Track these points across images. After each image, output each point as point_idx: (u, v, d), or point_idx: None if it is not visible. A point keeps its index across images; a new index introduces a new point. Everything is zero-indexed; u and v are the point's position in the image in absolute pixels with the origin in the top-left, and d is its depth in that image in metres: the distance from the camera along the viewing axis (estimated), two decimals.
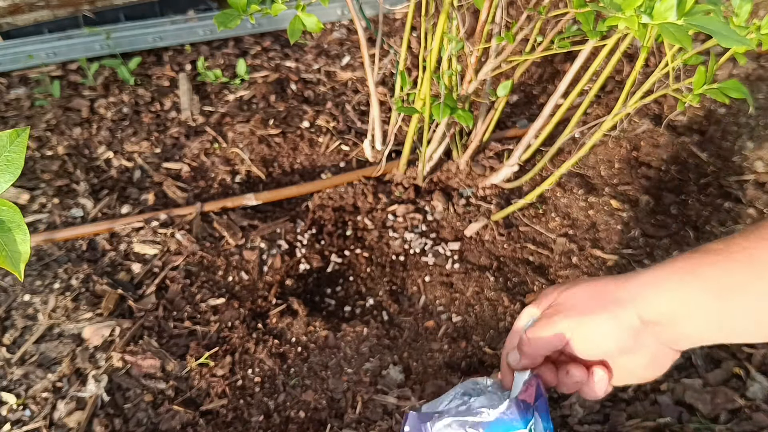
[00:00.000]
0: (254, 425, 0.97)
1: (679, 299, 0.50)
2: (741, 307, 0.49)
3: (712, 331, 0.50)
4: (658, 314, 0.51)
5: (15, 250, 0.39)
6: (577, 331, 0.54)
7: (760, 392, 0.95)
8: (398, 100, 1.18)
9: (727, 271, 0.49)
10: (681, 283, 0.50)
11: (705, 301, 0.49)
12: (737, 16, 0.76)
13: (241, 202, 1.30)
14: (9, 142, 0.39)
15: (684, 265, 0.51)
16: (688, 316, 0.50)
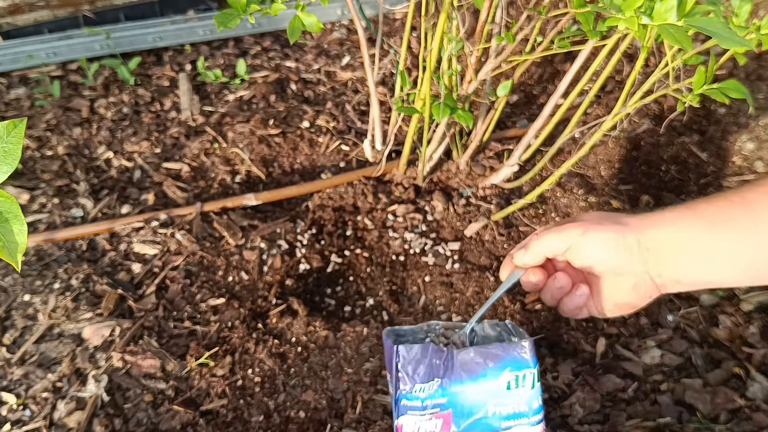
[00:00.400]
0: (254, 425, 0.97)
1: (675, 231, 0.56)
2: (730, 242, 0.54)
3: (699, 265, 0.55)
4: (653, 241, 0.56)
5: (12, 240, 0.39)
6: (581, 238, 0.58)
7: (760, 392, 0.95)
8: (398, 100, 1.18)
9: (721, 208, 0.54)
10: (679, 217, 0.56)
11: (697, 233, 0.55)
12: (737, 16, 0.76)
13: (241, 202, 1.30)
14: (6, 134, 0.39)
15: (686, 205, 0.57)
16: (679, 248, 0.55)
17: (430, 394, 0.60)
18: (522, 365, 0.60)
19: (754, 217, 0.52)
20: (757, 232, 0.53)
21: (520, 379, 0.60)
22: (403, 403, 0.60)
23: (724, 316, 1.07)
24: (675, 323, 1.08)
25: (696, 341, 1.05)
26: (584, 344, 1.06)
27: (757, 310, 1.07)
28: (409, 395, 0.60)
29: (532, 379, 0.60)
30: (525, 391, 0.60)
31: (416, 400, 0.60)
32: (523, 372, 0.60)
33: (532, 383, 0.60)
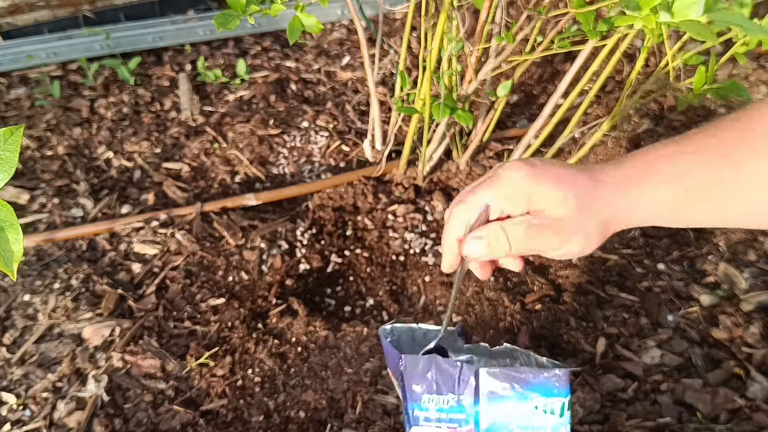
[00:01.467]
0: (254, 425, 0.97)
1: (632, 169, 0.52)
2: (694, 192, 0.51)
3: (655, 203, 0.51)
4: (607, 175, 0.52)
5: (8, 249, 0.38)
6: (561, 247, 0.53)
7: (760, 392, 0.95)
8: (398, 100, 1.18)
9: (682, 155, 0.51)
10: (639, 167, 0.52)
11: (659, 182, 0.51)
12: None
13: (241, 202, 1.30)
14: (3, 141, 0.39)
15: (629, 160, 0.53)
16: (637, 182, 0.51)
17: (444, 408, 0.59)
18: (552, 393, 0.57)
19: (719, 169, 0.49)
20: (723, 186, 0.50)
21: (549, 406, 0.58)
22: (416, 414, 0.60)
23: (724, 316, 1.07)
24: (675, 323, 1.08)
25: (696, 341, 1.05)
26: (584, 344, 1.06)
27: (757, 310, 1.07)
28: (419, 405, 0.60)
29: (561, 406, 0.58)
30: (552, 418, 0.58)
31: (427, 411, 0.59)
32: (553, 399, 0.58)
33: (561, 411, 0.58)
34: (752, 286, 1.11)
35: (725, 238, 1.22)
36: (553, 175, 0.52)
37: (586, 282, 1.16)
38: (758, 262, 1.16)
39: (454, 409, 0.59)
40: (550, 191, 0.51)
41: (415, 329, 0.68)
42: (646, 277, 1.16)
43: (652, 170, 0.52)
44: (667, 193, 0.51)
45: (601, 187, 0.52)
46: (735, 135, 0.50)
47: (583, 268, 1.19)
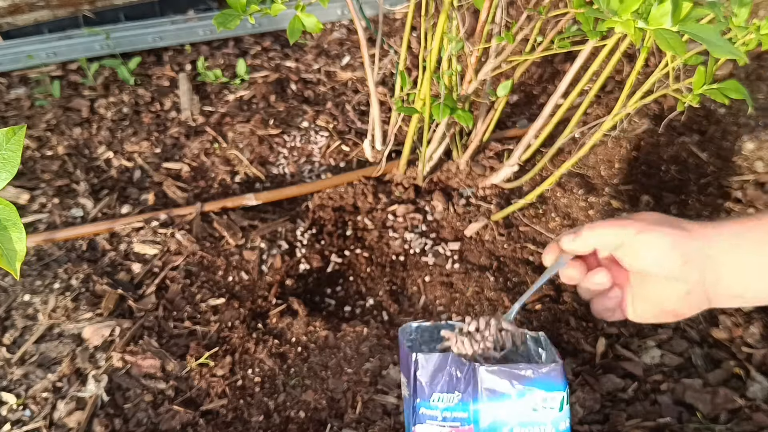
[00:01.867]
0: (254, 425, 0.97)
1: (740, 239, 0.53)
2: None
3: (758, 282, 0.52)
4: (716, 249, 0.53)
5: (11, 248, 0.39)
6: (638, 237, 0.55)
7: (760, 392, 0.95)
8: (398, 100, 1.18)
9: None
10: (743, 229, 0.53)
11: (760, 247, 0.52)
12: (736, 16, 0.76)
13: (241, 202, 1.30)
14: (5, 141, 0.39)
15: (750, 218, 0.54)
16: (743, 259, 0.52)
17: (450, 406, 0.59)
18: (551, 387, 0.58)
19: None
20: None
21: (548, 401, 0.58)
22: (422, 412, 0.60)
23: (724, 316, 1.07)
24: (675, 323, 1.08)
25: (696, 341, 1.05)
26: (584, 344, 1.06)
27: (757, 310, 1.07)
28: (427, 404, 0.60)
29: (560, 401, 0.58)
30: (552, 413, 0.58)
31: (435, 410, 0.59)
32: (552, 394, 0.58)
33: (560, 405, 0.58)
34: None
35: None
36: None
37: None
38: None
39: (457, 408, 0.59)
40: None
41: (438, 326, 0.68)
42: None
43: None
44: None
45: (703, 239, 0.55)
46: None
47: None
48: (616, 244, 0.57)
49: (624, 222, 0.57)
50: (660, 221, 0.56)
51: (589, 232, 0.58)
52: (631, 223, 0.56)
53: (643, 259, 0.55)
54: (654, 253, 0.54)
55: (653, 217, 0.57)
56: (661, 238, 0.54)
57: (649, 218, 0.57)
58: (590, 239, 0.58)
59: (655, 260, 0.55)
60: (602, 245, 0.58)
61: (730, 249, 0.53)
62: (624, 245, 0.56)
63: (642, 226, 0.55)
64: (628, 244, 0.56)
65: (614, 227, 0.57)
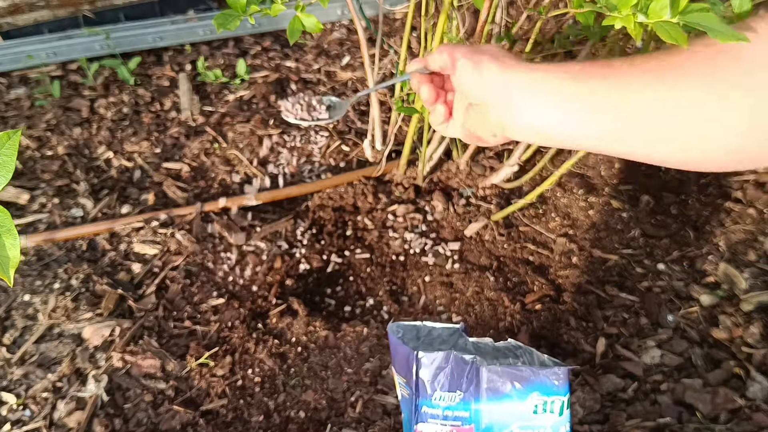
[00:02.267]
0: (254, 425, 0.97)
1: (539, 75, 0.54)
2: (593, 98, 0.51)
3: (550, 116, 0.53)
4: (514, 80, 0.55)
5: (4, 255, 0.38)
6: (459, 61, 0.59)
7: (760, 392, 0.95)
8: (398, 100, 1.18)
9: (591, 69, 0.52)
10: (552, 68, 0.54)
11: (560, 83, 0.52)
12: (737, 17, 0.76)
13: (241, 202, 1.30)
14: (0, 145, 0.38)
15: (566, 66, 0.55)
16: (537, 93, 0.53)
17: (451, 405, 0.59)
18: (552, 391, 0.58)
19: (626, 90, 0.50)
20: (623, 105, 0.51)
21: (548, 405, 0.58)
22: (424, 410, 0.59)
23: (724, 316, 1.07)
24: (675, 323, 1.08)
25: (696, 341, 1.05)
26: (584, 344, 1.06)
27: (757, 310, 1.07)
28: (429, 402, 0.59)
29: (560, 405, 0.58)
30: (552, 417, 0.58)
31: (437, 408, 0.59)
32: (552, 398, 0.58)
33: (560, 410, 0.58)
34: (752, 286, 1.11)
35: (725, 238, 1.22)
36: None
37: (586, 282, 1.16)
38: (758, 262, 1.16)
39: (459, 407, 0.59)
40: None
41: (420, 327, 0.68)
42: (646, 277, 1.16)
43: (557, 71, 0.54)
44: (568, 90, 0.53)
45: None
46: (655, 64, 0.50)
47: (583, 268, 1.19)
48: (443, 65, 0.61)
49: (459, 49, 0.60)
50: (490, 50, 0.59)
51: (431, 55, 0.63)
52: (461, 50, 0.60)
53: (456, 80, 0.59)
54: (463, 76, 0.58)
55: (490, 49, 0.59)
56: (470, 63, 0.57)
57: (487, 49, 0.59)
58: (430, 59, 0.63)
59: (463, 81, 0.58)
60: (437, 66, 0.63)
61: (527, 82, 0.54)
62: (448, 67, 0.61)
63: (469, 53, 0.59)
64: (452, 68, 0.60)
65: (448, 51, 0.61)
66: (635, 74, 0.50)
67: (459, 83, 0.59)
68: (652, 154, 0.55)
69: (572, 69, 0.53)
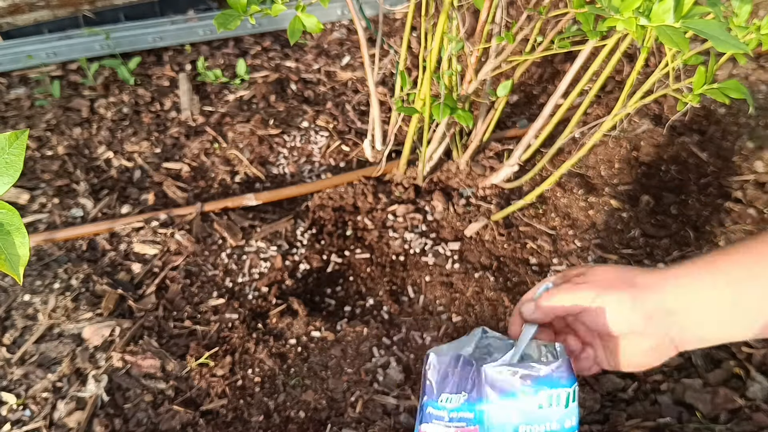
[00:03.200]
0: (254, 425, 0.97)
1: (697, 290, 0.53)
2: (754, 300, 0.51)
3: (721, 324, 0.53)
4: (675, 303, 0.54)
5: (14, 253, 0.38)
6: (597, 301, 0.56)
7: (760, 392, 0.95)
8: (398, 100, 1.18)
9: (739, 263, 0.53)
10: (699, 275, 0.54)
11: (718, 292, 0.52)
12: (737, 16, 0.76)
13: (241, 203, 1.30)
14: (8, 145, 0.38)
15: (703, 260, 0.55)
16: (702, 309, 0.53)
17: (457, 407, 0.59)
18: (556, 384, 0.57)
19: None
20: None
21: (553, 398, 0.58)
22: (429, 411, 0.59)
23: None
24: None
25: None
26: None
27: None
28: (435, 403, 0.59)
29: (566, 398, 0.58)
30: (558, 410, 0.57)
31: (442, 410, 0.59)
32: (558, 391, 0.58)
33: (566, 402, 0.58)
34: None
35: (725, 238, 1.22)
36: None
37: None
38: None
39: (463, 408, 0.59)
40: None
41: (477, 338, 0.68)
42: None
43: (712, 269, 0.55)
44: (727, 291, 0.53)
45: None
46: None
47: None
48: (576, 311, 0.58)
49: (581, 287, 0.57)
50: (614, 280, 0.56)
51: (547, 303, 0.59)
52: (587, 287, 0.57)
53: (605, 322, 0.56)
54: (615, 316, 0.55)
55: (608, 276, 0.57)
56: (619, 301, 0.55)
57: (604, 277, 0.57)
58: (550, 310, 0.59)
59: (616, 321, 0.55)
60: (564, 313, 0.59)
61: (689, 302, 0.54)
62: (585, 311, 0.57)
63: (598, 289, 0.56)
64: (588, 310, 0.57)
65: (570, 294, 0.57)
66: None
67: (602, 324, 0.56)
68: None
69: (721, 272, 0.53)
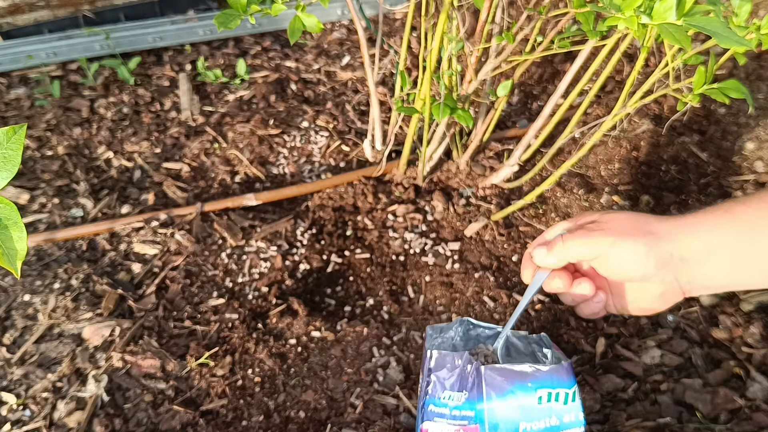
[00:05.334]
0: (254, 425, 0.97)
1: (712, 237, 0.54)
2: (763, 246, 0.52)
3: (732, 269, 0.54)
4: (689, 251, 0.55)
5: (12, 247, 0.39)
6: (611, 248, 0.56)
7: (760, 392, 0.95)
8: (398, 100, 1.18)
9: (755, 211, 0.53)
10: (716, 222, 0.54)
11: (734, 237, 0.53)
12: (737, 16, 0.76)
13: (241, 203, 1.30)
14: (6, 140, 0.39)
15: (720, 208, 0.56)
16: (715, 254, 0.54)
17: (459, 405, 0.59)
18: (555, 385, 0.58)
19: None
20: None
21: (553, 396, 0.58)
22: (430, 409, 0.59)
23: (724, 316, 1.07)
24: (675, 323, 1.08)
25: (696, 341, 1.05)
26: (584, 344, 1.06)
27: (757, 310, 1.07)
28: (437, 401, 0.60)
29: (565, 396, 0.58)
30: (557, 405, 0.58)
31: (444, 408, 0.59)
32: (557, 390, 0.58)
33: (564, 400, 0.58)
34: None
35: None
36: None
37: None
38: None
39: (465, 406, 0.59)
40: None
41: (462, 324, 0.68)
42: None
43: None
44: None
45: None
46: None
47: None
48: (590, 257, 0.58)
49: (595, 234, 0.57)
50: (630, 228, 0.57)
51: (561, 249, 0.59)
52: (602, 234, 0.57)
53: (619, 268, 0.57)
54: (629, 263, 0.56)
55: (623, 223, 0.58)
56: (634, 247, 0.55)
57: (618, 224, 0.58)
58: (564, 254, 0.59)
59: (631, 268, 0.56)
60: (577, 258, 0.59)
61: (701, 250, 0.55)
62: (599, 257, 0.57)
63: (614, 236, 0.56)
64: (603, 256, 0.57)
65: (587, 240, 0.57)
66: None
67: (617, 270, 0.57)
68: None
69: (738, 221, 0.54)
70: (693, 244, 0.55)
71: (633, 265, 0.56)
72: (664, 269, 0.55)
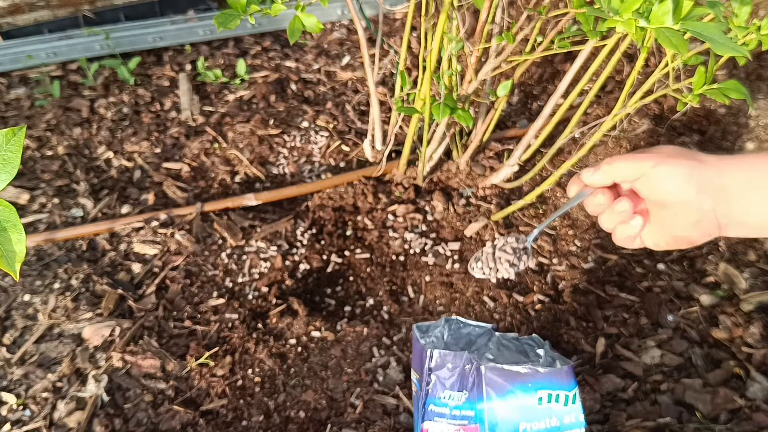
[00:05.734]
0: (254, 425, 0.97)
1: (755, 173, 0.55)
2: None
3: (765, 211, 0.55)
4: (730, 181, 0.56)
5: (10, 249, 0.39)
6: (655, 169, 0.57)
7: (760, 392, 0.95)
8: (398, 100, 1.18)
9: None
10: (757, 161, 0.55)
11: (765, 185, 0.54)
12: (737, 16, 0.76)
13: (241, 203, 1.30)
14: (5, 142, 0.39)
15: (759, 154, 0.56)
16: (756, 190, 0.55)
17: (459, 404, 0.59)
18: (556, 386, 0.58)
19: None
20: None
21: (553, 398, 0.58)
22: (431, 408, 0.60)
23: (724, 316, 1.07)
24: (675, 323, 1.08)
25: (696, 341, 1.05)
26: (584, 344, 1.06)
27: (757, 310, 1.07)
28: (437, 401, 0.60)
29: (565, 398, 0.58)
30: (557, 407, 0.58)
31: (444, 407, 0.59)
32: (557, 392, 0.58)
33: (565, 401, 0.58)
34: (752, 286, 1.11)
35: (725, 238, 1.22)
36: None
37: (586, 282, 1.16)
38: (758, 262, 1.16)
39: (465, 406, 0.59)
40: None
41: (450, 323, 0.68)
42: (646, 277, 1.16)
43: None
44: None
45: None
46: None
47: (583, 267, 1.19)
48: (634, 176, 0.59)
49: (642, 155, 0.59)
50: (677, 153, 0.58)
51: (608, 167, 0.60)
52: (648, 156, 0.58)
53: (660, 189, 0.58)
54: (670, 184, 0.57)
55: (670, 150, 0.59)
56: (677, 169, 0.56)
57: (666, 150, 0.59)
58: (609, 172, 0.60)
59: (671, 190, 0.57)
60: (621, 178, 0.60)
61: (743, 182, 0.55)
62: (642, 177, 0.58)
63: (659, 158, 0.57)
64: (646, 176, 0.58)
65: (632, 160, 0.59)
66: None
67: (657, 190, 0.58)
68: None
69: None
70: (735, 175, 0.56)
71: (673, 185, 0.57)
72: (703, 194, 0.56)
